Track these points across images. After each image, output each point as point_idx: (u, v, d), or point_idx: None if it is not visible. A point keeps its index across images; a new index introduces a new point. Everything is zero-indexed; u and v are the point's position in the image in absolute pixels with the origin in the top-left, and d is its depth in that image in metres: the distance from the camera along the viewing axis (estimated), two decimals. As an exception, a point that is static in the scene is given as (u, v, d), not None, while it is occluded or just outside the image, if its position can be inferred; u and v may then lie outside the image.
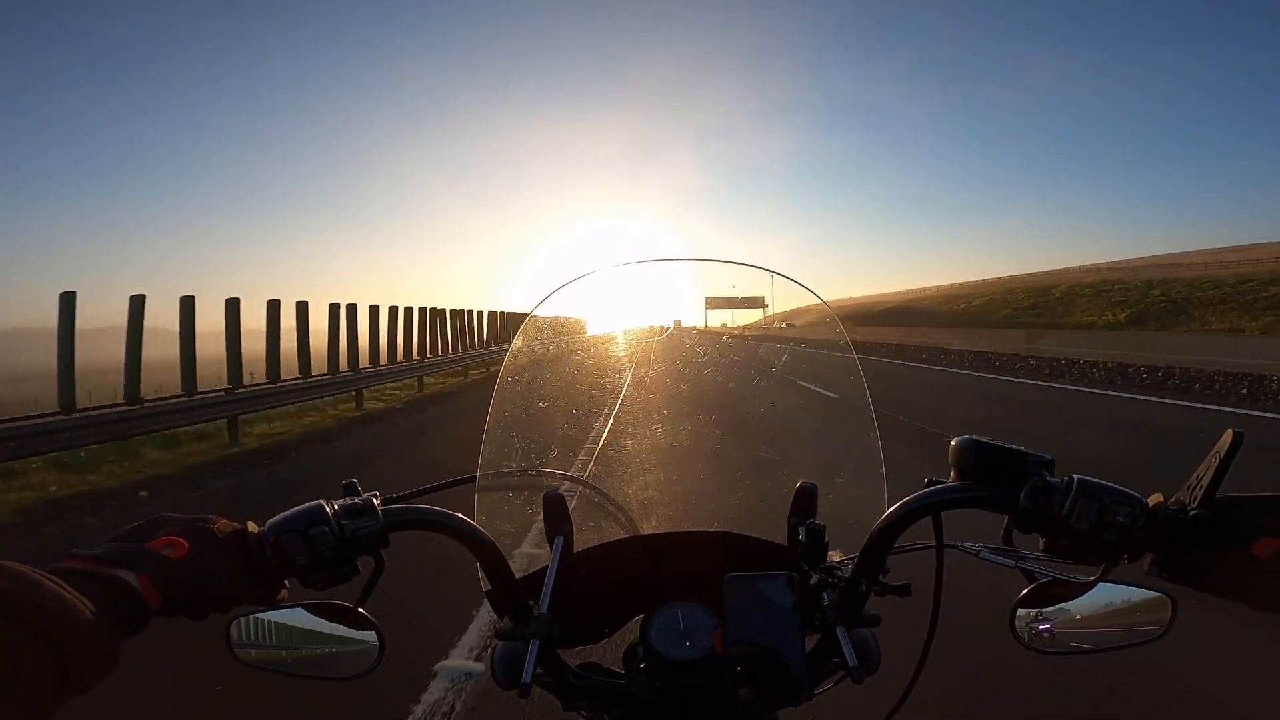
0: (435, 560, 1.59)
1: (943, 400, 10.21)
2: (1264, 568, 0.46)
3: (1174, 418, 7.72)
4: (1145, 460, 5.48)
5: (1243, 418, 7.39)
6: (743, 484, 0.84)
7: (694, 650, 0.58)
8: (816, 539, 0.62)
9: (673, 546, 0.72)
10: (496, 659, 0.61)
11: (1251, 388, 9.12)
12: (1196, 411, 8.04)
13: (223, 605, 0.52)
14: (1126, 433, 6.99)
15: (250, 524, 0.55)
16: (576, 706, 0.63)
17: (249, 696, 2.30)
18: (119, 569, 0.46)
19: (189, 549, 0.50)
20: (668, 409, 0.95)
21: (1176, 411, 8.19)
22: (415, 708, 2.28)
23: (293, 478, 6.32)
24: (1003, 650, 0.63)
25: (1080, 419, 8.05)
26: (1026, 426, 7.61)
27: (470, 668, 2.51)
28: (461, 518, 0.60)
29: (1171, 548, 0.49)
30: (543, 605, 0.58)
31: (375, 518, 0.56)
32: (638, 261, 0.88)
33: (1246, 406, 8.25)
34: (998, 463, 0.55)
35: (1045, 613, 0.59)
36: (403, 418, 10.16)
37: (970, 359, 16.96)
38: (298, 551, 0.53)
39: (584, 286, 0.85)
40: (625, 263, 0.88)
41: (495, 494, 0.78)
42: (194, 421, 7.54)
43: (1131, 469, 5.06)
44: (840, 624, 0.56)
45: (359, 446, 7.85)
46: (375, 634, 0.60)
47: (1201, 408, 8.27)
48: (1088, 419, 7.99)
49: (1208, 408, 8.23)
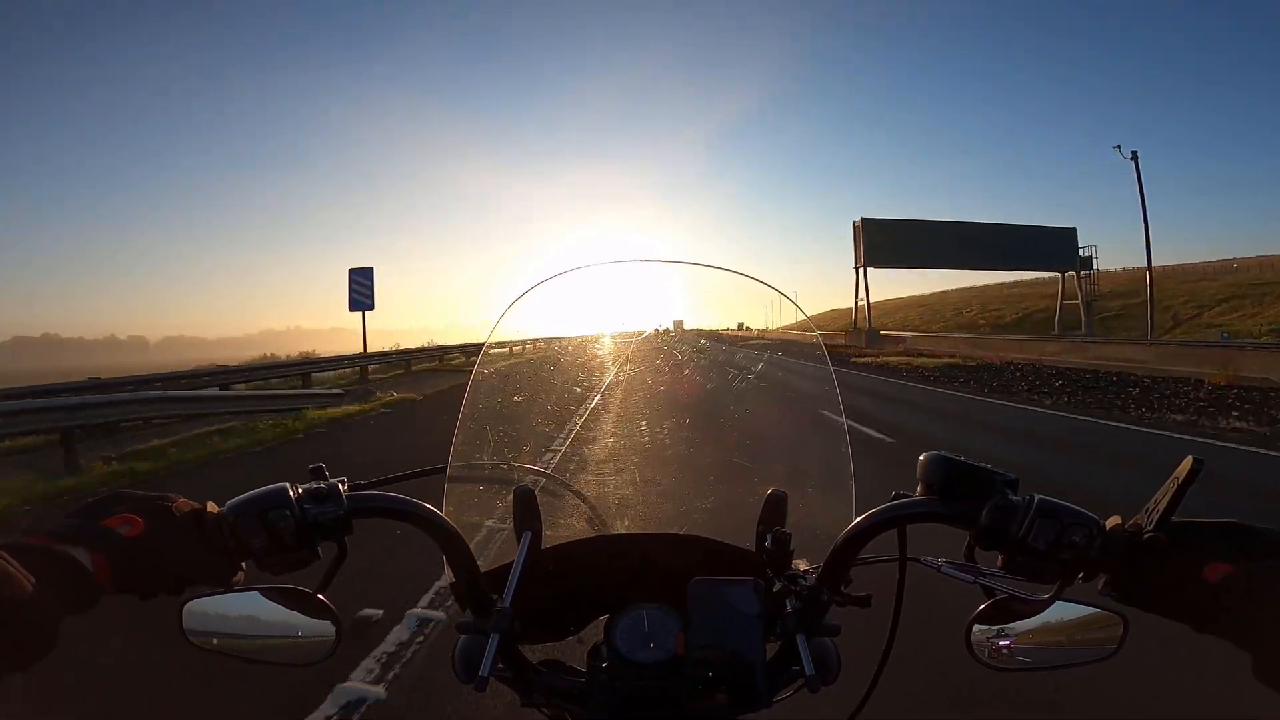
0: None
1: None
2: (1211, 592, 0.47)
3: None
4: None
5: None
6: (714, 489, 0.85)
7: (657, 653, 0.59)
8: (782, 547, 0.62)
9: (641, 547, 0.72)
10: (457, 652, 0.60)
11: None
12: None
13: (176, 586, 0.51)
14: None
15: (210, 504, 0.54)
16: (535, 703, 0.62)
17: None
18: (70, 545, 0.45)
19: (144, 527, 0.48)
20: (642, 410, 0.95)
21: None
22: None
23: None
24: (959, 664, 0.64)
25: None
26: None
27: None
28: (429, 507, 0.59)
29: (1125, 569, 0.51)
30: (506, 600, 0.58)
31: (340, 503, 0.55)
32: (620, 261, 0.88)
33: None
34: (963, 480, 0.56)
35: (1001, 629, 0.59)
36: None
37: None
38: (254, 534, 0.52)
39: (565, 285, 0.84)
40: (609, 261, 0.87)
41: (465, 486, 0.78)
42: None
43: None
44: (800, 632, 0.57)
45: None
46: (332, 622, 0.59)
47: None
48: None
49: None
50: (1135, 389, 12.23)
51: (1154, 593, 0.50)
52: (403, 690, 2.38)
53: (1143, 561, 0.49)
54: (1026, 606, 0.57)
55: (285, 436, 8.32)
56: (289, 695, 2.27)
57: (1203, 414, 9.19)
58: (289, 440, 8.14)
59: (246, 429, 8.48)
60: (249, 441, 7.88)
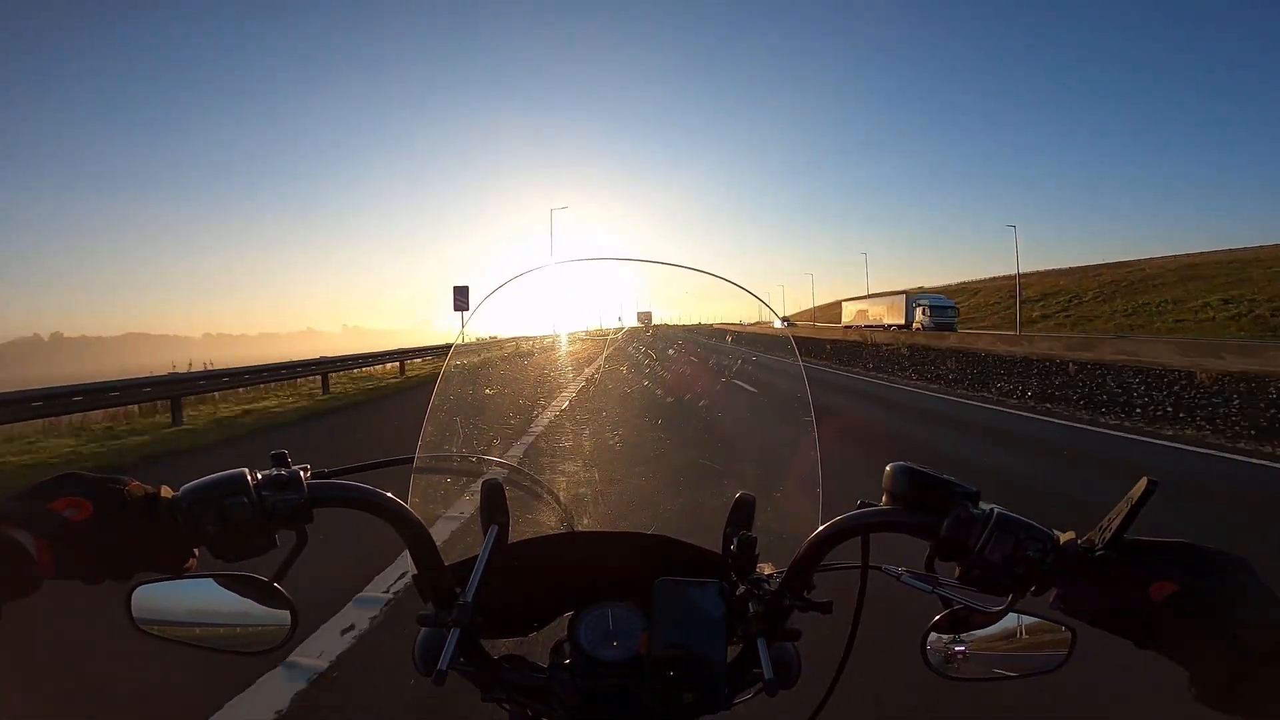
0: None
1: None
2: (1155, 610, 0.48)
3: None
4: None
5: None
6: (684, 490, 0.85)
7: (620, 651, 0.59)
8: (748, 550, 0.63)
9: (608, 546, 0.72)
10: (418, 645, 0.60)
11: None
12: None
13: (124, 572, 0.49)
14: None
15: (164, 488, 0.52)
16: (495, 698, 0.62)
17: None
18: (12, 528, 0.43)
19: (93, 511, 0.47)
20: (613, 409, 0.95)
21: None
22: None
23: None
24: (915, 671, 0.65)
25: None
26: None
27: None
28: (392, 498, 0.58)
29: (1075, 584, 0.52)
30: (469, 594, 0.57)
31: (299, 491, 0.54)
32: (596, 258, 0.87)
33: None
34: (926, 491, 0.56)
35: (956, 638, 0.61)
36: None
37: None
38: (210, 520, 0.51)
39: (539, 281, 0.83)
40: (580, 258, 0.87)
41: (432, 477, 0.76)
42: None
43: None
44: (762, 636, 0.57)
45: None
46: (288, 611, 0.57)
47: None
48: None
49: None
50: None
51: (1100, 608, 0.51)
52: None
53: (1092, 578, 0.51)
54: (981, 617, 0.59)
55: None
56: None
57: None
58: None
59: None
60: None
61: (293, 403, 11.59)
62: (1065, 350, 19.10)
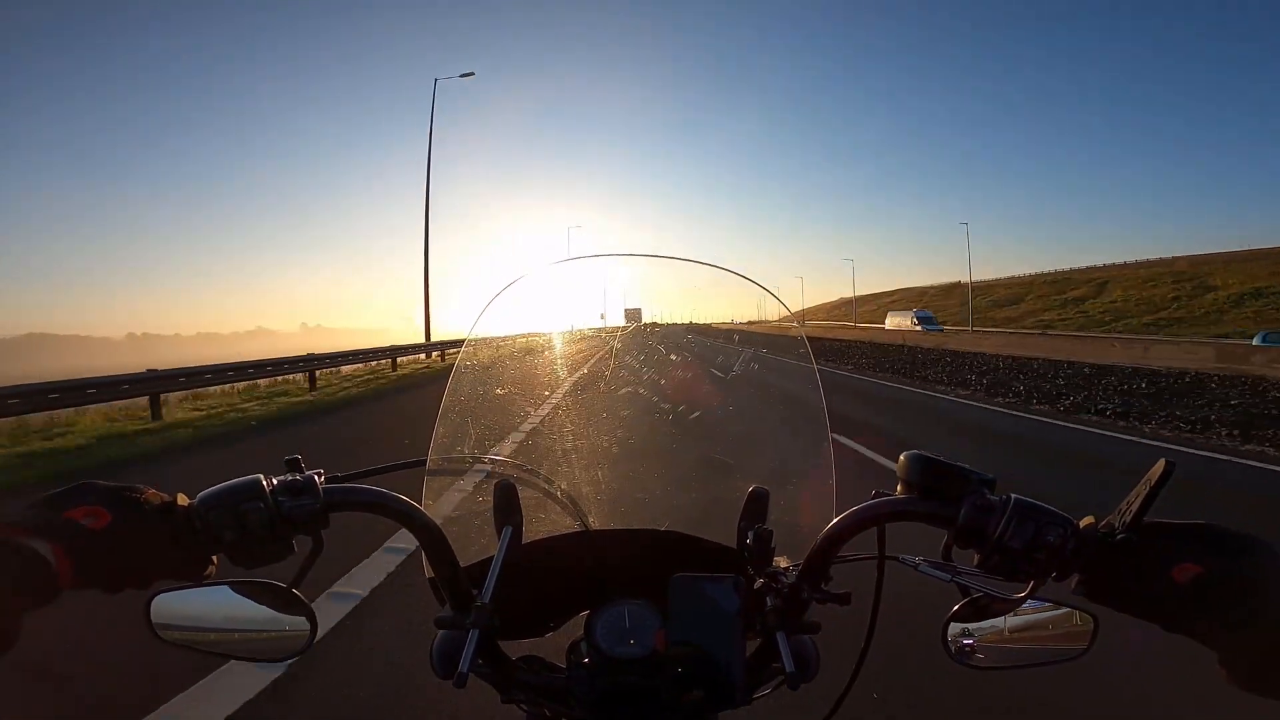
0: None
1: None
2: (1181, 592, 0.48)
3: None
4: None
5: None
6: (696, 485, 0.85)
7: (636, 648, 0.58)
8: (764, 544, 0.62)
9: (622, 544, 0.72)
10: (435, 647, 0.60)
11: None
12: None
13: (143, 581, 0.49)
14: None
15: (181, 495, 0.52)
16: (515, 699, 0.62)
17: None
18: (31, 537, 0.43)
19: (111, 520, 0.47)
20: (625, 407, 0.95)
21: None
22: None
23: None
24: (936, 662, 0.65)
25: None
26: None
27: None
28: (407, 501, 0.58)
29: (1097, 569, 0.51)
30: (485, 595, 0.57)
31: (315, 496, 0.54)
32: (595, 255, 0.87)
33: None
34: (941, 479, 0.56)
35: (976, 627, 0.60)
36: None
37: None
38: (226, 526, 0.51)
39: (547, 280, 0.83)
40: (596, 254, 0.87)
41: (445, 479, 0.76)
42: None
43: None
44: (781, 630, 0.57)
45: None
46: (307, 617, 0.57)
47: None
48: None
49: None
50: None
51: (1124, 593, 0.50)
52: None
53: (1114, 562, 0.50)
54: (1001, 605, 0.58)
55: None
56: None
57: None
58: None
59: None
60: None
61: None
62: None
